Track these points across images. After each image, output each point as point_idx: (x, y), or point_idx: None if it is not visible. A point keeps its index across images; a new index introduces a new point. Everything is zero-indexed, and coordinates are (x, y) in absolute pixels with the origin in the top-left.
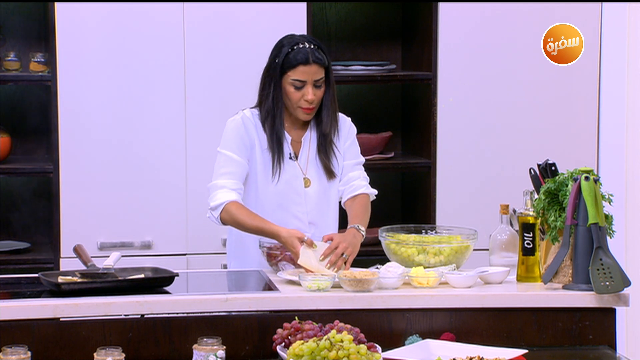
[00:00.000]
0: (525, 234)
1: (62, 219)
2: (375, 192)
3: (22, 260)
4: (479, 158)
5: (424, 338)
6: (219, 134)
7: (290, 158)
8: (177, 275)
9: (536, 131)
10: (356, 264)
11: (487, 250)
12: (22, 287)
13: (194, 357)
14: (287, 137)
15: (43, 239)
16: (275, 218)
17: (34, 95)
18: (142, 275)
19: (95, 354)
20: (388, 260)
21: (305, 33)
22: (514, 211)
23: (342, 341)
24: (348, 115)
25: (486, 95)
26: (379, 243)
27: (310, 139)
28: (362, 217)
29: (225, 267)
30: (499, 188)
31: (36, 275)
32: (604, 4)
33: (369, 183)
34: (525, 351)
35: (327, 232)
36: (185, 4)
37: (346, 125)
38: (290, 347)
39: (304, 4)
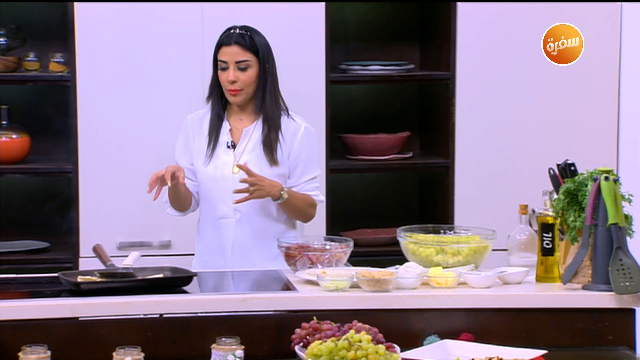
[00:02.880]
0: (545, 234)
1: (81, 218)
2: (322, 199)
3: (42, 259)
4: (497, 158)
5: (442, 338)
6: None
7: (228, 146)
8: (195, 275)
9: (555, 131)
10: (374, 264)
11: (506, 250)
12: (41, 286)
13: (212, 357)
14: (227, 126)
15: (62, 239)
16: (207, 201)
17: (53, 95)
18: (160, 275)
19: (114, 354)
20: (406, 261)
21: (323, 33)
22: (533, 211)
23: (360, 341)
24: (366, 115)
25: (504, 95)
26: (397, 243)
27: (253, 130)
28: (295, 194)
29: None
30: (517, 188)
31: (55, 274)
32: (624, 3)
33: (387, 185)
34: (544, 352)
35: (256, 221)
36: (204, 4)
37: (299, 131)
38: (309, 347)
39: (322, 4)
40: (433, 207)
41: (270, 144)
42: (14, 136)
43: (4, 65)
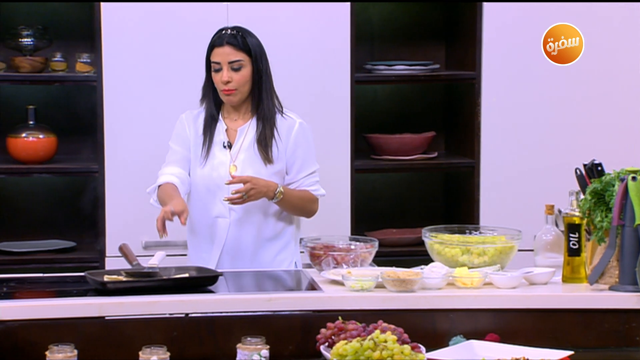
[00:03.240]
0: (571, 235)
1: (107, 218)
2: (322, 193)
3: (68, 259)
4: (523, 157)
5: (468, 339)
6: None
7: (224, 147)
8: (221, 274)
9: (582, 131)
10: (399, 264)
11: (532, 250)
12: (68, 285)
13: (237, 357)
14: (223, 126)
15: (88, 238)
16: (202, 201)
17: (79, 95)
18: (186, 275)
19: (140, 353)
20: (432, 261)
21: (348, 33)
22: (560, 211)
23: (386, 341)
24: (392, 115)
25: (530, 94)
26: (422, 243)
27: (247, 129)
28: (292, 192)
29: None
30: (543, 188)
31: (82, 274)
32: None
33: (412, 185)
34: (570, 352)
35: (253, 220)
36: (230, 4)
37: (294, 127)
38: (334, 347)
39: (348, 4)
40: (458, 207)
41: (265, 141)
42: (40, 136)
43: (31, 66)
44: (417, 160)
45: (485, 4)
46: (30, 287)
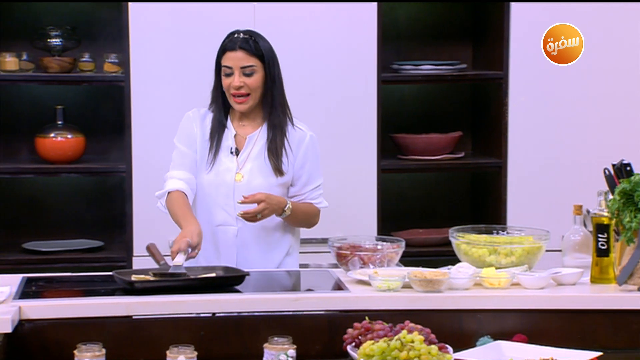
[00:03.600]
0: (600, 235)
1: (134, 218)
2: (325, 205)
3: (96, 258)
4: (550, 158)
5: (495, 339)
6: None
7: (231, 153)
8: (247, 274)
9: (610, 130)
10: (426, 264)
11: (560, 251)
12: (96, 285)
13: (264, 357)
14: (232, 132)
15: (116, 238)
16: (206, 207)
17: (107, 95)
18: (213, 274)
19: (167, 352)
20: (459, 261)
21: (375, 32)
22: (588, 212)
23: (413, 341)
24: (418, 115)
25: (558, 94)
26: (449, 243)
27: (257, 137)
28: (299, 206)
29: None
30: (571, 188)
31: (110, 273)
32: None
33: (438, 185)
34: (599, 354)
35: (257, 227)
36: (257, 4)
37: (304, 140)
38: (361, 347)
39: (375, 4)
40: (485, 207)
41: (275, 151)
42: (69, 136)
43: (59, 66)
44: (444, 160)
45: (512, 3)
46: (58, 287)
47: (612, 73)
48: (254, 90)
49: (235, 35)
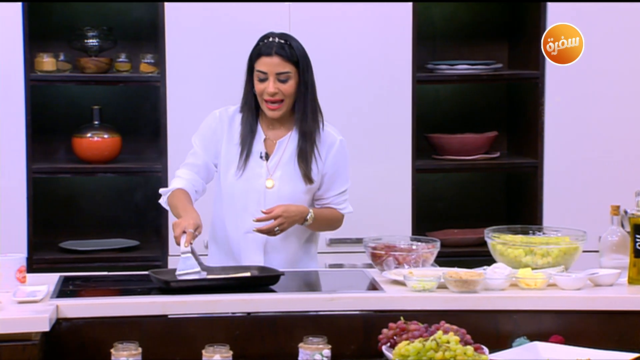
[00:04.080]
0: (637, 236)
1: (170, 217)
2: (350, 210)
3: (132, 257)
4: (587, 158)
5: (531, 340)
6: None
7: (261, 157)
8: (282, 274)
9: None
10: (461, 264)
11: (597, 252)
12: (132, 284)
13: (299, 356)
14: (262, 136)
15: (151, 237)
16: (235, 213)
17: (143, 95)
18: (248, 274)
19: (203, 351)
20: (494, 261)
21: (410, 32)
22: (625, 212)
23: (448, 342)
24: (453, 114)
25: (594, 94)
26: (484, 244)
27: (287, 142)
28: (322, 214)
29: (329, 266)
30: (608, 188)
31: (146, 272)
32: None
33: (473, 185)
34: (637, 355)
35: (289, 239)
36: (292, 4)
37: (334, 145)
38: (396, 347)
39: (410, 4)
40: (521, 207)
41: (305, 157)
42: (105, 136)
43: (96, 67)
44: (479, 160)
45: (549, 3)
46: (95, 286)
47: None
48: (288, 97)
49: (271, 39)
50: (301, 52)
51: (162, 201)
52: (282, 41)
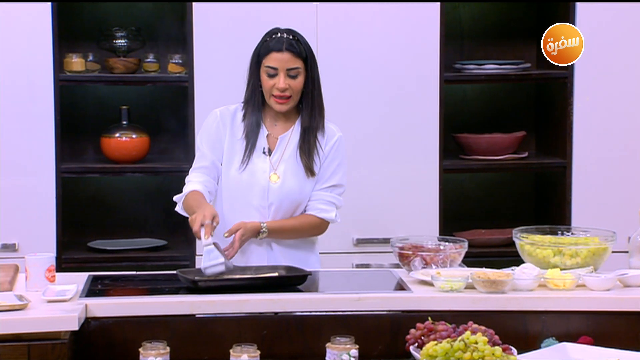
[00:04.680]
0: None
1: None
2: (332, 219)
3: (159, 257)
4: (616, 157)
5: (560, 341)
6: (351, 134)
7: (264, 152)
8: (309, 274)
9: None
10: (489, 265)
11: (626, 252)
12: (160, 283)
13: (327, 356)
14: (264, 132)
15: (179, 237)
16: (238, 208)
17: (171, 95)
18: (275, 274)
19: (231, 351)
20: (522, 262)
21: (438, 32)
22: None
23: (476, 342)
24: (481, 114)
25: (624, 94)
26: (512, 244)
27: (289, 137)
28: (280, 224)
29: (356, 266)
30: (638, 188)
31: (174, 272)
32: None
33: (501, 185)
34: None
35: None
36: (319, 4)
37: (334, 139)
38: (424, 348)
39: (438, 4)
40: (549, 207)
41: (308, 150)
42: (133, 136)
43: (124, 67)
44: (507, 160)
45: (578, 3)
46: (123, 285)
47: None
48: (296, 93)
49: (279, 35)
50: (308, 48)
51: (178, 208)
52: (291, 37)
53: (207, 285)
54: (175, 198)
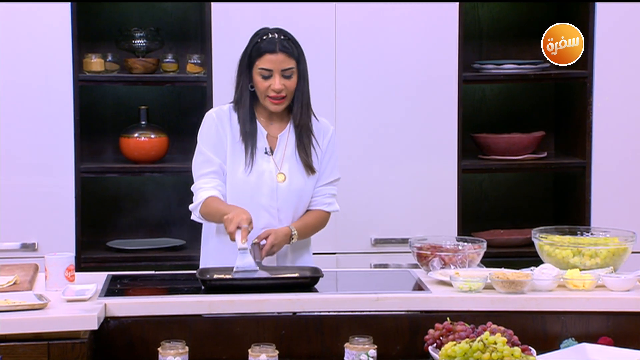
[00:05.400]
0: None
1: None
2: (337, 209)
3: (178, 257)
4: (636, 157)
5: (580, 342)
6: (370, 134)
7: (266, 153)
8: (321, 275)
9: None
10: (508, 265)
11: None
12: (179, 283)
13: (345, 356)
14: (263, 132)
15: (197, 237)
16: (248, 210)
17: (190, 96)
18: (295, 275)
19: (249, 350)
20: (541, 262)
21: (456, 32)
22: None
23: (495, 343)
24: (500, 114)
25: None
26: (531, 244)
27: (288, 135)
28: (304, 224)
29: (375, 266)
30: None
31: (192, 272)
32: None
33: (520, 185)
34: None
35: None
36: (337, 4)
37: (328, 133)
38: (442, 348)
39: (456, 4)
40: (568, 208)
41: (305, 148)
42: (152, 136)
43: (143, 67)
44: (526, 160)
45: (598, 3)
46: (142, 285)
47: None
48: (291, 92)
49: (270, 36)
50: (299, 46)
51: (195, 217)
52: (283, 37)
53: (226, 285)
54: (190, 207)
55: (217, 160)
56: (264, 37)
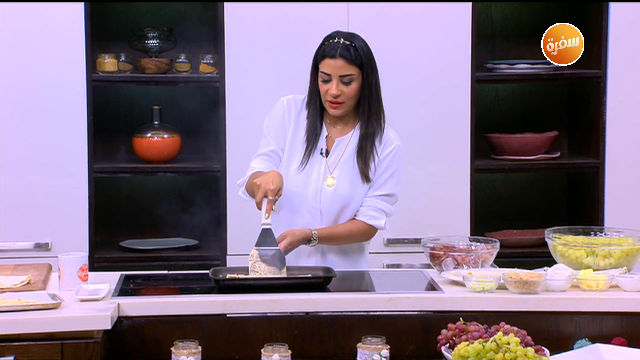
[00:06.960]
0: None
1: (229, 216)
2: (381, 226)
3: (191, 256)
4: None
5: (593, 342)
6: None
7: (321, 154)
8: (334, 275)
9: None
10: (521, 265)
11: None
12: (192, 283)
13: (358, 356)
14: (325, 132)
15: (211, 237)
16: (292, 207)
17: (203, 96)
18: (308, 275)
19: (262, 350)
20: (554, 262)
21: (469, 32)
22: None
23: (508, 343)
24: (513, 114)
25: None
26: (544, 244)
27: (348, 141)
28: (330, 231)
29: (387, 266)
30: None
31: (206, 272)
32: None
33: (533, 185)
34: None
35: None
36: (350, 4)
37: (389, 147)
38: (455, 348)
39: (469, 4)
40: (581, 208)
41: (365, 156)
42: (165, 136)
43: (156, 67)
44: (539, 160)
45: (611, 3)
46: (155, 284)
47: None
48: (349, 99)
49: (336, 40)
50: (366, 54)
51: (241, 192)
52: (347, 42)
53: (239, 284)
54: (238, 182)
55: (275, 144)
56: (330, 41)
